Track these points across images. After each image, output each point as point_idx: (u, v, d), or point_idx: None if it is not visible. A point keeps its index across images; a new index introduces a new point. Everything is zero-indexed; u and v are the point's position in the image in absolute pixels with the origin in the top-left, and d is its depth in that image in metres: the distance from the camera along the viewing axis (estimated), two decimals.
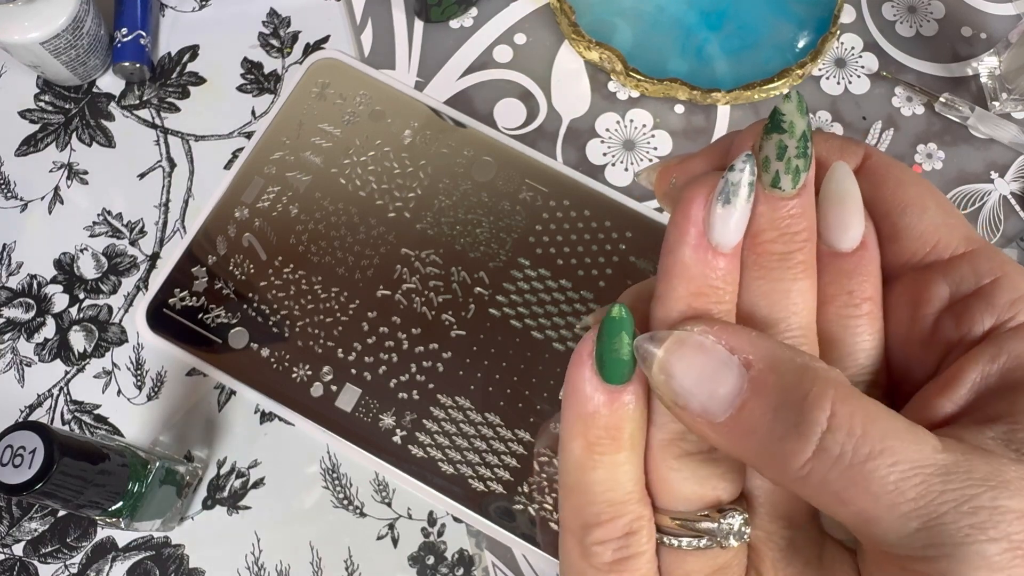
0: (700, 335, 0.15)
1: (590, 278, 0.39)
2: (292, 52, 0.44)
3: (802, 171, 0.15)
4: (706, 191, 0.15)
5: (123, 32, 0.42)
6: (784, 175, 0.15)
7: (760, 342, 0.14)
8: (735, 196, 0.15)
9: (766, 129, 0.16)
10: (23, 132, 0.42)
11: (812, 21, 0.43)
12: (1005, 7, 0.45)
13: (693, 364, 0.14)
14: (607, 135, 0.42)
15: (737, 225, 0.15)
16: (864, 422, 0.13)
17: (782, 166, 0.15)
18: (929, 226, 0.16)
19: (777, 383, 0.14)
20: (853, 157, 0.17)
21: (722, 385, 0.14)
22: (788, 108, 0.15)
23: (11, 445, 0.27)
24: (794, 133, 0.15)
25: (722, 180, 0.15)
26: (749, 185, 0.15)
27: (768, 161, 0.15)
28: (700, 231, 0.16)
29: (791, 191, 0.15)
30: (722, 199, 0.15)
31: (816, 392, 0.14)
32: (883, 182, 0.17)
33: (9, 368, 0.38)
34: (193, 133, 0.42)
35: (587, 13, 0.43)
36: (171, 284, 0.38)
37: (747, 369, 0.14)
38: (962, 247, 0.16)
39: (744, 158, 0.15)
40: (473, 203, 0.40)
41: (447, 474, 0.36)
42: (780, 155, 0.15)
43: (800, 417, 0.13)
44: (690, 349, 0.15)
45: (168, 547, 0.36)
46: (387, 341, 0.38)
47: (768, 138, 0.15)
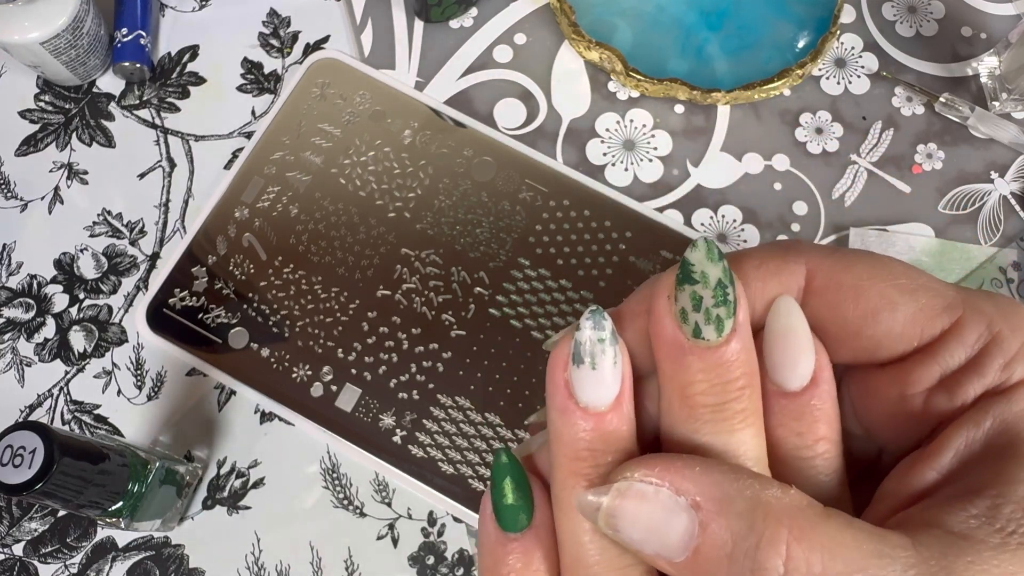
0: (641, 482, 0.14)
1: (590, 278, 0.39)
2: (292, 52, 0.44)
3: (725, 319, 0.14)
4: (564, 354, 0.15)
5: (123, 32, 0.42)
6: (705, 325, 0.14)
7: (705, 478, 0.14)
8: (587, 356, 0.14)
9: (677, 279, 0.14)
10: (23, 132, 0.42)
11: (812, 21, 0.43)
12: (1005, 7, 0.45)
13: (639, 516, 0.14)
14: (607, 135, 0.42)
15: (602, 383, 0.15)
16: (824, 558, 0.12)
17: (701, 317, 0.14)
18: (906, 322, 0.15)
19: (727, 526, 0.13)
20: (794, 277, 0.15)
21: (672, 531, 0.13)
22: (696, 257, 0.14)
23: (11, 445, 0.27)
24: (707, 283, 0.14)
25: (572, 341, 0.15)
26: (599, 341, 0.14)
27: (685, 313, 0.14)
28: (565, 394, 0.15)
29: (717, 340, 0.14)
30: (575, 361, 0.15)
31: (768, 536, 0.13)
32: (839, 299, 0.15)
33: (9, 368, 0.38)
34: (193, 133, 0.42)
35: (587, 13, 0.43)
36: (171, 284, 0.38)
37: (696, 511, 0.13)
38: (945, 321, 0.15)
39: (588, 313, 0.15)
40: (473, 203, 0.40)
41: (447, 474, 0.36)
42: (696, 306, 0.14)
43: (755, 563, 0.13)
44: (632, 501, 0.14)
45: (168, 547, 0.36)
46: (387, 341, 0.38)
47: (681, 290, 0.14)
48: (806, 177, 0.42)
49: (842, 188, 0.42)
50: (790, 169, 0.42)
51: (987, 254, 0.41)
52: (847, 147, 0.42)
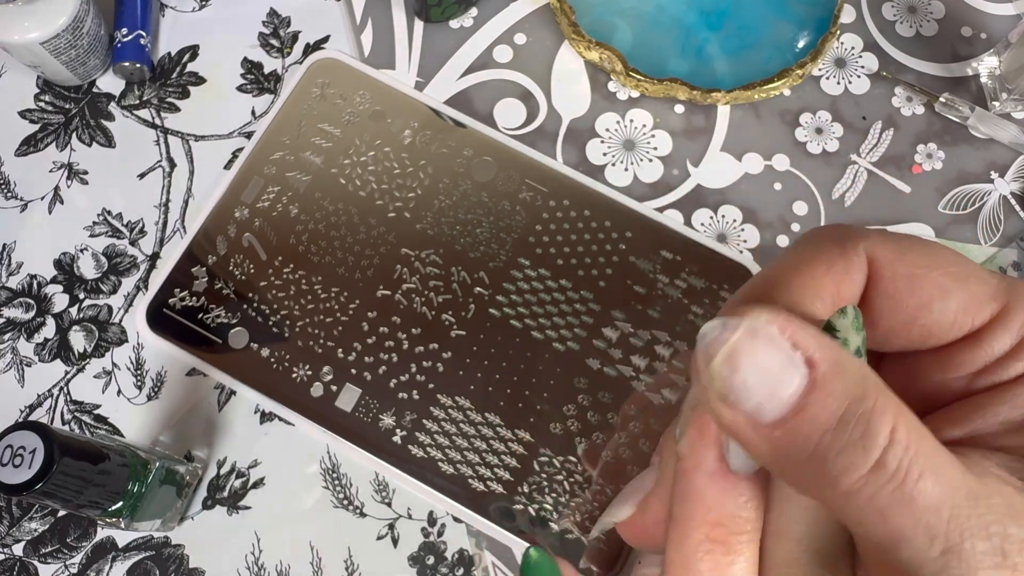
0: (769, 326, 0.13)
1: (590, 278, 0.39)
2: (292, 52, 0.44)
3: None
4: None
5: (123, 32, 0.42)
6: None
7: (824, 340, 0.13)
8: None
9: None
10: (23, 132, 0.42)
11: (812, 21, 0.43)
12: (1005, 7, 0.45)
13: (760, 359, 0.13)
14: (607, 135, 0.42)
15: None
16: (917, 439, 0.13)
17: None
18: (958, 310, 0.15)
19: (842, 389, 0.13)
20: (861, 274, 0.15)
21: (785, 384, 0.13)
22: (843, 324, 0.14)
23: (11, 445, 0.27)
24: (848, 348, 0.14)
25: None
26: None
27: None
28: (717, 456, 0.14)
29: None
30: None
31: (881, 403, 0.13)
32: (896, 289, 0.15)
33: (9, 368, 0.38)
34: (193, 133, 0.42)
35: (587, 13, 0.43)
36: (171, 284, 0.38)
37: (810, 368, 0.13)
38: (993, 308, 0.15)
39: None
40: (473, 203, 0.40)
41: (447, 474, 0.36)
42: None
43: (865, 429, 0.12)
44: (762, 341, 0.13)
45: (168, 547, 0.36)
46: (387, 341, 0.38)
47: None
48: (806, 177, 0.42)
49: (842, 188, 0.42)
50: (790, 169, 0.42)
51: (987, 254, 0.41)
52: (847, 147, 0.42)
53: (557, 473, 0.36)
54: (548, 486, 0.36)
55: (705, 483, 0.14)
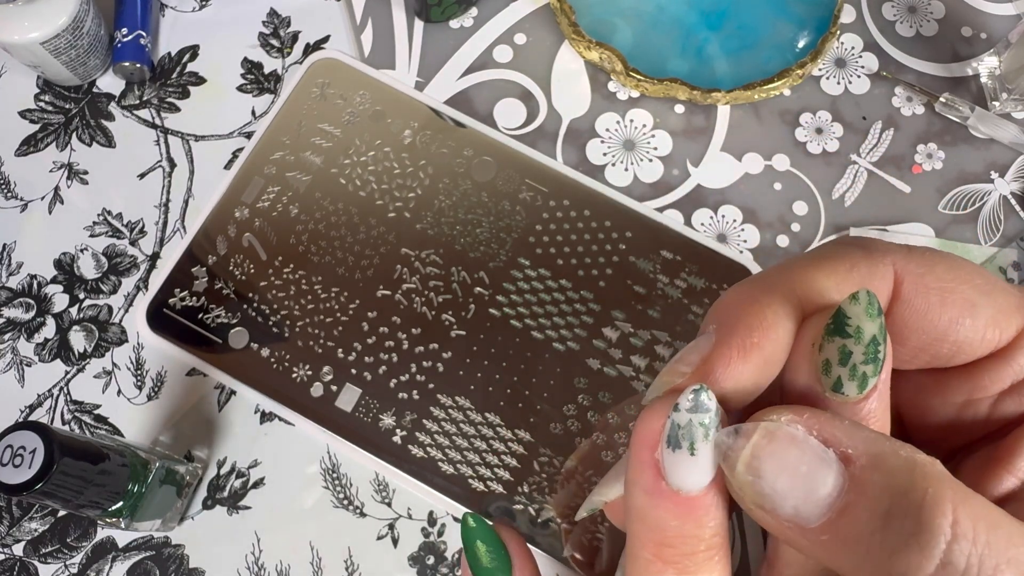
0: (790, 426, 0.13)
1: (590, 278, 0.39)
2: (292, 52, 0.44)
3: (871, 376, 0.13)
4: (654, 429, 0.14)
5: (123, 32, 0.42)
6: (848, 381, 0.13)
7: (858, 432, 0.12)
8: (685, 440, 0.13)
9: (828, 330, 0.13)
10: (23, 132, 0.42)
11: (812, 21, 0.43)
12: (1005, 7, 0.45)
13: (786, 461, 0.12)
14: (607, 135, 0.42)
15: (701, 469, 0.13)
16: (987, 528, 0.11)
17: (846, 372, 0.13)
18: (986, 327, 0.14)
19: (885, 483, 0.12)
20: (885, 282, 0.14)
21: (820, 485, 0.12)
22: (855, 311, 0.13)
23: (11, 445, 0.27)
24: (861, 339, 0.13)
25: (668, 420, 0.13)
26: (702, 426, 0.13)
27: (829, 365, 0.13)
28: (655, 475, 0.13)
29: (857, 396, 0.13)
30: (671, 444, 0.13)
31: (933, 494, 0.11)
32: (927, 304, 0.14)
33: (9, 368, 0.38)
34: (193, 133, 0.42)
35: (587, 13, 0.43)
36: (171, 284, 0.38)
37: (847, 465, 0.12)
38: (1017, 323, 0.14)
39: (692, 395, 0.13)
40: (473, 203, 0.40)
41: (447, 474, 0.36)
42: (844, 360, 0.13)
43: (919, 525, 0.11)
44: (782, 444, 0.12)
45: (168, 547, 0.36)
46: (387, 341, 0.38)
47: (830, 341, 0.13)
48: (806, 177, 0.42)
49: (842, 188, 0.42)
50: (790, 169, 0.42)
51: (987, 254, 0.41)
52: (847, 147, 0.42)
53: (557, 473, 0.36)
54: (548, 486, 0.36)
55: (644, 502, 0.14)
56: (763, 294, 0.14)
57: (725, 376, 0.14)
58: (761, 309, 0.14)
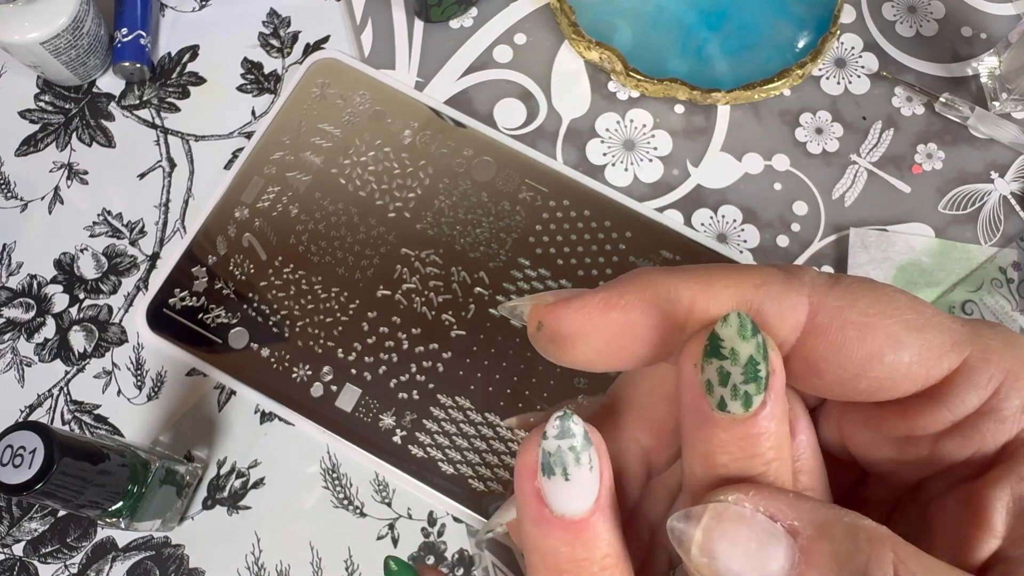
0: (737, 504, 0.13)
1: (590, 278, 0.39)
2: (292, 52, 0.44)
3: (754, 395, 0.13)
4: (531, 460, 0.14)
5: (123, 32, 0.42)
6: (732, 400, 0.13)
7: (803, 504, 0.13)
8: (557, 467, 0.13)
9: (705, 351, 0.13)
10: (23, 132, 0.42)
11: (812, 21, 0.43)
12: (1005, 7, 0.45)
13: (737, 540, 0.13)
14: (607, 135, 0.42)
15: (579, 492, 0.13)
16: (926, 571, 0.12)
17: (727, 392, 0.13)
18: (912, 363, 0.14)
19: (831, 551, 0.12)
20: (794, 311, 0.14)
21: (772, 559, 0.12)
22: (726, 333, 0.13)
23: (11, 445, 0.27)
24: (737, 360, 0.13)
25: (539, 449, 0.13)
26: (570, 450, 0.13)
27: (711, 385, 0.13)
28: (538, 504, 0.13)
29: (744, 414, 0.13)
30: (545, 472, 0.13)
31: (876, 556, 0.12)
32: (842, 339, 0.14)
33: (9, 368, 0.38)
34: (193, 133, 0.42)
35: (587, 13, 0.43)
36: (171, 284, 0.38)
37: (794, 537, 0.12)
38: (953, 361, 0.14)
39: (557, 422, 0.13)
40: (473, 203, 0.40)
41: (447, 474, 0.36)
42: (723, 381, 0.13)
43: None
44: (731, 523, 0.13)
45: (168, 547, 0.36)
46: (387, 341, 0.38)
47: (708, 362, 0.13)
48: (806, 177, 0.42)
49: (842, 188, 0.42)
50: (790, 169, 0.42)
51: (987, 254, 0.41)
52: (847, 147, 0.42)
53: None
54: None
55: (532, 531, 0.14)
56: (659, 276, 0.14)
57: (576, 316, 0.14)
58: (646, 284, 0.14)
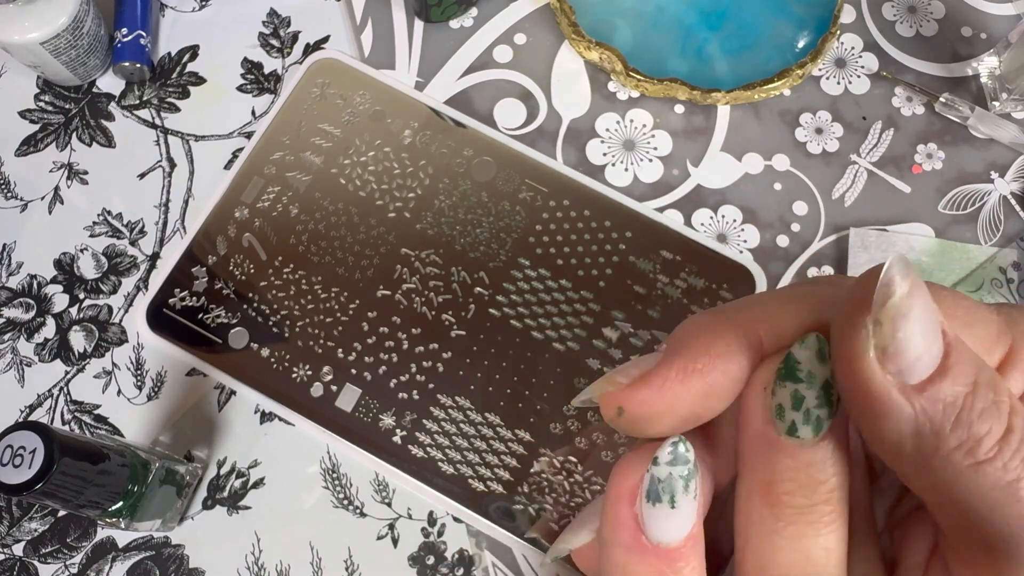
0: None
1: (590, 278, 0.39)
2: (292, 52, 0.44)
3: (824, 420, 0.13)
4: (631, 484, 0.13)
5: (123, 32, 0.42)
6: (803, 425, 0.13)
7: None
8: (665, 494, 0.13)
9: (779, 375, 0.13)
10: (23, 132, 0.42)
11: (812, 21, 0.43)
12: (1005, 7, 0.45)
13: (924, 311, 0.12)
14: (607, 135, 0.42)
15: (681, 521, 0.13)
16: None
17: (799, 416, 0.13)
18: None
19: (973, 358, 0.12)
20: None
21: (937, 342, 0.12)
22: (805, 356, 0.13)
23: (11, 445, 0.27)
24: (813, 384, 0.13)
25: (647, 475, 0.13)
26: (682, 478, 0.13)
27: (782, 410, 0.13)
28: (634, 531, 0.13)
29: (812, 439, 0.13)
30: (651, 499, 0.13)
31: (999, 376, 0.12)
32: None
33: (9, 368, 0.38)
34: (193, 133, 0.42)
35: (587, 13, 0.43)
36: (171, 284, 0.38)
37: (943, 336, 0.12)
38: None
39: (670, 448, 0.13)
40: (473, 203, 0.40)
41: (447, 474, 0.36)
42: (797, 405, 0.13)
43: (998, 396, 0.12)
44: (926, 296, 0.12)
45: (168, 547, 0.36)
46: (387, 341, 0.38)
47: (781, 386, 0.13)
48: (806, 177, 0.42)
49: (842, 188, 0.42)
50: (790, 169, 0.42)
51: (987, 254, 0.41)
52: (847, 147, 0.42)
53: (557, 473, 0.36)
54: (548, 486, 0.36)
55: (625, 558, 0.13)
56: (720, 324, 0.14)
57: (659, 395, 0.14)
58: (713, 338, 0.14)
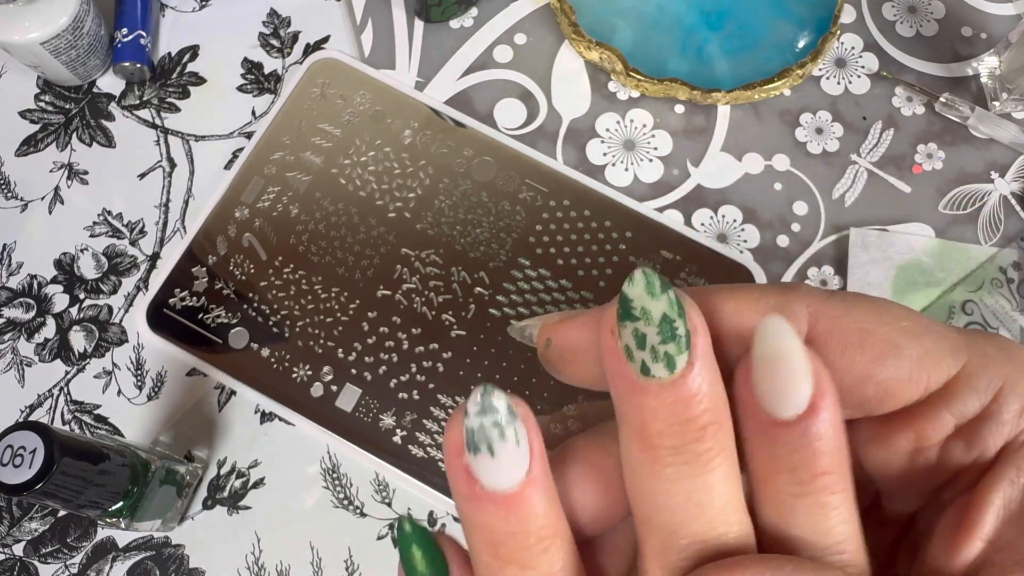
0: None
1: (590, 278, 0.39)
2: (292, 52, 0.44)
3: (676, 355, 0.13)
4: (456, 437, 0.13)
5: (123, 32, 0.42)
6: (653, 364, 0.13)
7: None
8: (482, 443, 0.13)
9: (618, 315, 0.13)
10: (23, 132, 0.42)
11: (812, 21, 0.43)
12: (1005, 7, 0.45)
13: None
14: (607, 135, 0.42)
15: (507, 466, 0.13)
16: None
17: (647, 355, 0.13)
18: (913, 367, 0.14)
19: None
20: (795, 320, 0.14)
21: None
22: (634, 292, 0.13)
23: (11, 445, 0.27)
24: (650, 320, 0.13)
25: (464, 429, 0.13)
26: (494, 426, 0.13)
27: (630, 351, 0.13)
28: (468, 480, 0.13)
29: (669, 377, 0.13)
30: (471, 449, 0.13)
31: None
32: (844, 344, 0.14)
33: (9, 368, 0.38)
34: (193, 133, 0.42)
35: (587, 13, 0.43)
36: (171, 284, 0.38)
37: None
38: (951, 366, 0.14)
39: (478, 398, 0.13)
40: (473, 203, 0.40)
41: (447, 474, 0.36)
42: (640, 344, 0.13)
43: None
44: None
45: (168, 547, 0.36)
46: (387, 341, 0.38)
47: (622, 326, 0.13)
48: (806, 177, 0.42)
49: (842, 188, 0.42)
50: (790, 169, 0.42)
51: (987, 254, 0.41)
52: (847, 147, 0.42)
53: None
54: None
55: (466, 508, 0.14)
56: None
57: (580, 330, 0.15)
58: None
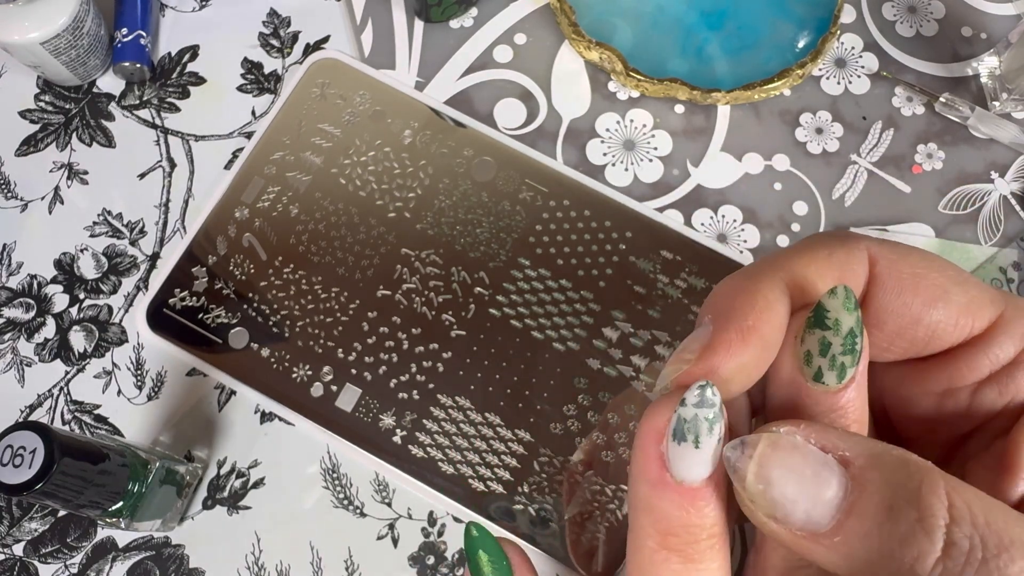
0: (789, 435, 0.13)
1: (590, 278, 0.39)
2: (292, 52, 0.44)
3: (849, 367, 0.14)
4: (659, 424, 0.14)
5: (123, 32, 0.42)
6: (828, 371, 0.14)
7: (852, 437, 0.13)
8: (690, 433, 0.14)
9: (808, 323, 0.14)
10: (23, 132, 0.42)
11: (812, 21, 0.43)
12: (1005, 7, 0.45)
13: (792, 468, 0.13)
14: (607, 135, 0.42)
15: (704, 461, 0.14)
16: (984, 510, 0.12)
17: (825, 363, 0.14)
18: (958, 313, 0.15)
19: (884, 479, 0.13)
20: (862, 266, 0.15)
21: (826, 486, 0.13)
22: (833, 304, 0.14)
23: (11, 445, 0.27)
24: (839, 331, 0.14)
25: (674, 415, 0.14)
26: (707, 420, 0.14)
27: (810, 356, 0.14)
28: (659, 467, 0.14)
29: (836, 386, 0.14)
30: (677, 437, 0.14)
31: (928, 482, 0.12)
32: (901, 286, 0.15)
33: (9, 368, 0.38)
34: (193, 133, 0.42)
35: (587, 13, 0.43)
36: (171, 284, 0.38)
37: (846, 467, 0.13)
38: (990, 314, 0.15)
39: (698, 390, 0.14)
40: (473, 203, 0.40)
41: (447, 474, 0.36)
42: (823, 351, 0.14)
43: (920, 511, 0.12)
44: (785, 451, 0.13)
45: (168, 547, 0.36)
46: (387, 341, 0.38)
47: (811, 333, 0.14)
48: (806, 177, 0.42)
49: (842, 188, 0.42)
50: (790, 169, 0.42)
51: (987, 254, 0.41)
52: (847, 147, 0.42)
53: (557, 473, 0.36)
54: (548, 486, 0.36)
55: (649, 493, 0.14)
56: (751, 282, 0.15)
57: (728, 360, 0.15)
58: (751, 295, 0.15)
